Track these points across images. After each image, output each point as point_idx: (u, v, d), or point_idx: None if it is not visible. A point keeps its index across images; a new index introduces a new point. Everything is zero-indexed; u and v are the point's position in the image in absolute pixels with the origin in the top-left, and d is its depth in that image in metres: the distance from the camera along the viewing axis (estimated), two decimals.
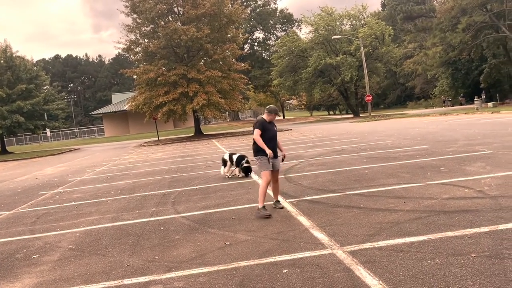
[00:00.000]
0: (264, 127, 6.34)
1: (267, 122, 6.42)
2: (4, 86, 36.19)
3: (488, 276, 3.47)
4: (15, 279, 4.64)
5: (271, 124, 6.47)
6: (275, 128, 6.53)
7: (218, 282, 3.95)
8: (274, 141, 6.41)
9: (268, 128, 6.36)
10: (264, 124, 6.37)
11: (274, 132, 6.46)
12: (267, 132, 6.32)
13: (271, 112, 6.45)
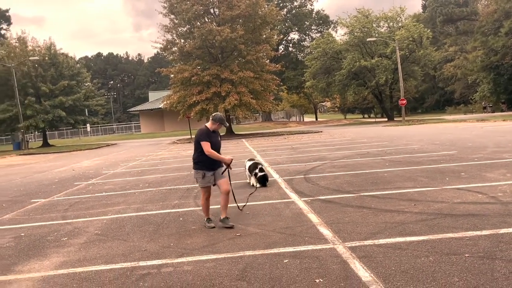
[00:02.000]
0: (209, 137, 5.82)
1: (210, 131, 5.89)
2: (48, 82, 38.09)
3: (475, 274, 3.63)
4: (44, 258, 5.14)
5: (215, 134, 5.97)
6: (219, 138, 6.05)
7: (223, 268, 4.28)
8: (218, 151, 5.94)
9: (212, 138, 5.85)
10: (209, 134, 5.84)
11: (218, 142, 5.97)
12: (211, 142, 5.80)
13: (216, 121, 5.88)
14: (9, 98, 37.32)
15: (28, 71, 37.28)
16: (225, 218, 5.89)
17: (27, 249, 5.59)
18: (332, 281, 3.73)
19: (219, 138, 6.06)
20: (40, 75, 38.04)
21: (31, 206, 8.91)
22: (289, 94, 75.32)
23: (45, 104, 37.87)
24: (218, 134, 6.09)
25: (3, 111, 37.21)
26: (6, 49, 38.15)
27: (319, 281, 3.75)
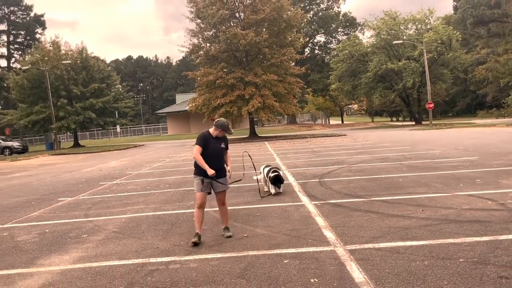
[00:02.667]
0: (206, 142, 5.61)
1: (212, 137, 5.69)
2: (79, 85, 39.44)
3: (465, 278, 3.74)
4: (64, 253, 5.52)
5: (218, 140, 5.70)
6: (221, 144, 5.73)
7: (226, 266, 4.53)
8: (217, 159, 5.68)
9: (211, 144, 5.63)
10: (206, 139, 5.64)
11: (219, 149, 5.69)
12: (209, 148, 5.59)
13: (218, 127, 5.67)
14: (43, 100, 38.84)
15: (61, 74, 38.70)
16: (225, 228, 5.80)
17: (49, 244, 6.00)
18: (326, 281, 3.91)
19: (221, 145, 5.72)
20: (72, 78, 39.42)
21: (58, 204, 9.42)
22: (314, 97, 75.14)
23: (76, 106, 39.21)
24: (223, 140, 5.79)
25: (37, 113, 38.77)
26: (40, 53, 39.76)
27: (314, 281, 3.94)
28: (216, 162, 5.64)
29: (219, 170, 5.67)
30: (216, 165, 5.61)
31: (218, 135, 5.71)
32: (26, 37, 72.86)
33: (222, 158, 5.80)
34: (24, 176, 16.72)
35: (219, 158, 5.73)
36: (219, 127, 5.67)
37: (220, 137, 5.75)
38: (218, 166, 5.63)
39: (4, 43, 72.66)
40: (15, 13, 72.14)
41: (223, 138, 5.83)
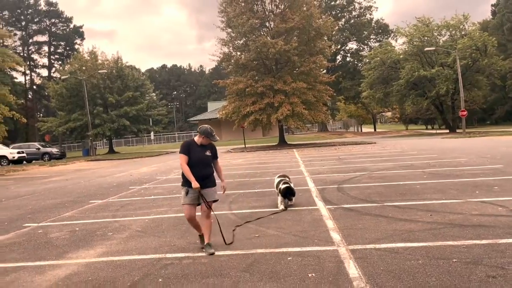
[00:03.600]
0: (190, 150, 5.40)
1: (197, 145, 5.47)
2: (114, 93, 41.01)
3: (453, 276, 3.94)
4: (91, 248, 6.04)
5: (203, 148, 5.47)
6: (207, 152, 5.48)
7: (233, 261, 4.89)
8: (202, 167, 5.42)
9: (195, 152, 5.40)
10: (191, 147, 5.42)
11: (204, 157, 5.44)
12: (193, 156, 5.37)
13: (201, 134, 5.44)
14: (80, 108, 40.62)
15: (97, 83, 40.40)
16: (207, 244, 5.40)
17: (78, 240, 6.54)
18: (322, 276, 4.20)
19: (207, 153, 5.48)
20: (108, 86, 41.07)
21: (89, 206, 10.06)
22: (346, 105, 74.69)
23: (111, 114, 40.78)
24: (210, 148, 5.56)
25: (74, 120, 40.58)
26: (78, 63, 41.66)
27: (311, 275, 4.24)
28: (201, 170, 5.37)
29: (205, 179, 5.42)
30: (201, 174, 5.36)
31: (202, 142, 5.46)
32: (66, 47, 76.35)
33: (209, 167, 5.53)
34: (61, 180, 17.68)
35: (205, 167, 5.45)
36: (203, 134, 5.42)
37: (205, 145, 5.49)
38: (203, 175, 5.39)
39: (45, 53, 76.48)
40: (56, 25, 75.84)
41: (210, 146, 5.57)
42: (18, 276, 4.96)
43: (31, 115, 69.22)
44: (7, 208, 10.54)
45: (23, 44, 73.77)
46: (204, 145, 5.49)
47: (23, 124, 42.77)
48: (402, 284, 3.86)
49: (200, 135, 5.45)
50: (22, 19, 72.79)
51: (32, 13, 73.10)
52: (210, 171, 5.57)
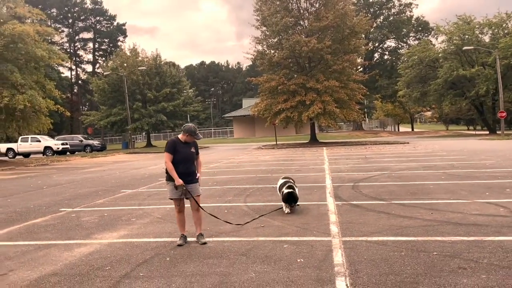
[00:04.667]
0: (175, 148, 5.70)
1: (181, 142, 5.76)
2: (153, 89, 42.47)
3: (428, 266, 4.30)
4: (114, 231, 6.74)
5: (187, 145, 5.77)
6: (191, 149, 5.79)
7: (235, 246, 5.43)
8: (187, 164, 5.73)
9: (181, 149, 5.70)
10: (176, 145, 5.71)
11: (188, 154, 5.75)
12: (178, 154, 5.68)
13: (185, 132, 5.72)
14: (120, 103, 42.36)
15: (137, 79, 41.95)
16: (199, 235, 5.80)
17: (104, 224, 7.28)
18: (309, 261, 4.67)
19: (191, 149, 5.80)
20: (147, 83, 42.57)
21: (119, 195, 10.89)
22: (383, 103, 73.52)
23: (150, 109, 42.29)
24: (193, 145, 5.88)
25: (115, 115, 42.37)
26: (120, 59, 43.40)
27: (300, 260, 4.71)
28: (186, 167, 5.71)
29: (190, 175, 5.76)
30: (187, 170, 5.70)
31: (186, 140, 5.76)
32: (109, 44, 79.35)
33: (193, 163, 5.85)
34: (98, 171, 18.83)
35: (190, 163, 5.78)
36: (186, 132, 5.70)
37: (189, 142, 5.80)
38: (188, 171, 5.73)
39: (90, 50, 79.85)
40: (100, 23, 78.91)
41: (193, 143, 5.88)
42: (49, 252, 5.70)
43: (76, 109, 72.60)
44: (48, 195, 11.56)
45: (69, 40, 77.36)
46: (188, 142, 5.78)
47: (68, 117, 45.14)
48: (378, 271, 4.26)
49: (184, 133, 5.74)
50: (69, 16, 76.24)
51: (78, 11, 76.43)
52: (193, 168, 5.87)
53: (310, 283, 4.05)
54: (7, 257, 5.52)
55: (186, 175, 5.67)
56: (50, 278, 4.58)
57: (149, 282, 4.30)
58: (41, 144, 36.95)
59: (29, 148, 37.19)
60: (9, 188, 13.69)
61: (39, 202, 10.16)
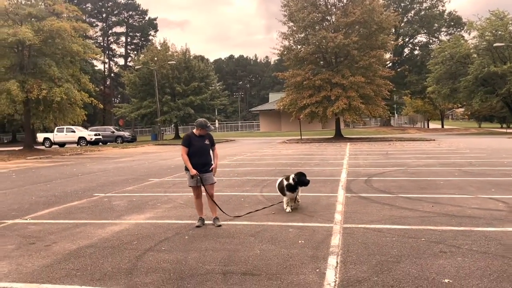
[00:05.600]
0: (190, 142, 6.31)
1: (196, 136, 6.37)
2: (182, 83, 43.60)
3: (413, 249, 4.85)
4: (141, 213, 7.54)
5: (201, 138, 6.38)
6: (205, 142, 6.39)
7: (246, 229, 6.10)
8: (201, 155, 6.33)
9: (195, 142, 6.31)
10: (190, 139, 6.32)
11: (202, 146, 6.34)
12: (193, 146, 6.29)
13: (198, 126, 6.37)
14: (150, 96, 43.72)
15: (166, 73, 43.20)
16: (215, 218, 6.44)
17: (133, 208, 8.10)
18: (309, 243, 5.29)
19: (205, 141, 6.38)
20: (176, 76, 43.76)
21: (147, 183, 11.76)
22: (412, 99, 72.50)
23: (178, 102, 43.50)
24: (207, 137, 6.44)
25: (145, 107, 43.81)
26: (151, 54, 44.73)
27: (301, 242, 5.34)
28: (201, 158, 6.33)
29: (205, 165, 6.37)
30: (202, 161, 6.32)
31: (200, 133, 6.37)
32: (141, 38, 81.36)
33: (208, 154, 6.44)
34: (128, 161, 19.90)
35: (204, 154, 6.38)
36: (199, 126, 6.37)
37: (203, 135, 6.41)
38: (203, 162, 6.34)
39: (122, 43, 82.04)
40: (133, 17, 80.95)
41: (208, 135, 6.47)
42: (85, 229, 6.54)
43: (108, 101, 74.93)
44: (83, 181, 12.57)
45: (103, 34, 79.70)
46: (202, 135, 6.40)
47: (101, 109, 46.90)
48: (367, 252, 4.85)
49: (197, 127, 6.40)
50: (103, 11, 78.53)
51: (111, 6, 78.61)
52: (209, 159, 6.46)
53: (306, 259, 4.67)
54: (50, 232, 6.38)
55: (200, 166, 6.28)
56: (86, 249, 5.38)
57: (169, 255, 5.03)
58: (75, 134, 38.73)
59: (64, 138, 39.04)
60: (47, 175, 14.84)
61: (75, 188, 11.15)
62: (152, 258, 4.93)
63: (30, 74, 26.34)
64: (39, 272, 4.57)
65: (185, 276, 4.28)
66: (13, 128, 60.34)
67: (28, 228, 6.73)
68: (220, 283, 4.08)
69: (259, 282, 4.06)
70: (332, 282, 3.98)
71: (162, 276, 4.30)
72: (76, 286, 4.12)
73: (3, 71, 26.50)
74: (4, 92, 25.26)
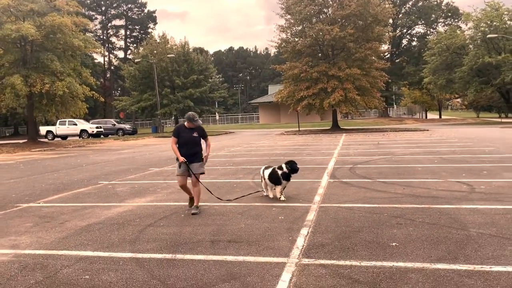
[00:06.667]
0: (179, 133, 6.80)
1: (185, 128, 6.83)
2: (181, 76, 44.32)
3: (374, 222, 5.68)
4: (142, 197, 8.39)
5: (191, 130, 6.82)
6: (194, 134, 6.81)
7: (235, 209, 6.93)
8: (189, 146, 6.77)
9: (184, 134, 6.78)
10: (180, 131, 6.83)
11: (191, 138, 6.77)
12: (181, 138, 6.78)
13: (186, 119, 6.86)
14: (150, 89, 44.50)
15: (166, 67, 43.92)
16: (194, 206, 6.84)
17: (135, 193, 8.94)
18: (287, 218, 6.12)
19: (194, 134, 6.81)
20: (175, 70, 44.50)
21: (148, 172, 12.60)
22: (410, 90, 73.17)
23: (178, 95, 44.28)
24: (197, 129, 6.88)
25: (145, 100, 44.60)
26: (150, 47, 45.40)
27: (281, 218, 6.18)
28: (189, 149, 6.78)
29: (193, 156, 6.82)
30: (190, 151, 6.78)
31: (189, 126, 6.83)
32: (140, 31, 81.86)
33: (196, 146, 6.89)
34: (130, 152, 20.75)
35: (192, 146, 6.83)
36: (187, 119, 6.85)
37: (193, 128, 6.85)
38: (191, 152, 6.79)
39: (122, 36, 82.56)
40: (132, 10, 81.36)
41: (198, 128, 6.90)
42: (93, 210, 7.38)
43: (109, 94, 75.67)
44: (87, 171, 13.41)
45: (102, 27, 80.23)
46: (192, 128, 6.85)
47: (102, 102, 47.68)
48: (335, 224, 5.68)
49: (187, 120, 6.87)
50: (102, 4, 78.95)
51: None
52: (197, 149, 6.92)
53: (283, 230, 5.51)
54: (62, 213, 7.23)
55: (188, 156, 6.77)
56: (95, 226, 6.22)
57: (167, 229, 5.87)
58: (77, 127, 39.60)
59: (66, 131, 39.91)
60: (53, 165, 15.69)
61: (81, 177, 11.99)
62: (152, 231, 5.77)
63: (33, 69, 27.11)
64: (56, 242, 5.41)
65: (180, 244, 5.12)
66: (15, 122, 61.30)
67: (42, 210, 7.57)
68: (208, 248, 4.92)
69: (241, 247, 4.90)
70: (300, 246, 4.82)
71: (160, 244, 5.14)
72: (89, 251, 4.96)
73: (7, 66, 27.30)
74: (9, 87, 26.07)
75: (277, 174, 7.42)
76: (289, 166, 7.39)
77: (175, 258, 4.60)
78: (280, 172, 7.39)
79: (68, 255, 4.85)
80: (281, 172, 7.38)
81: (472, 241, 4.77)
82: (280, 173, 7.39)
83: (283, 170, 7.38)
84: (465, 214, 5.97)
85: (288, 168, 7.37)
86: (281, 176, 7.39)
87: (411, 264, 4.11)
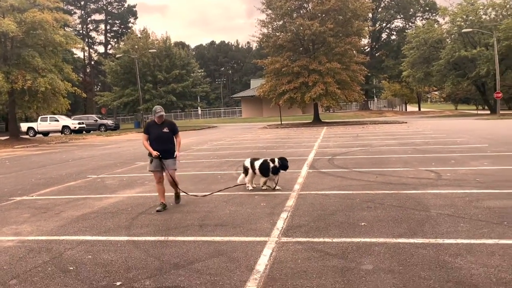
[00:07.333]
0: (149, 129, 6.73)
1: (155, 123, 6.70)
2: (163, 71, 44.39)
3: (346, 206, 6.28)
4: (132, 189, 8.84)
5: (161, 126, 6.68)
6: (164, 129, 6.66)
7: (221, 198, 7.46)
8: (160, 142, 6.63)
9: (153, 130, 6.69)
10: (149, 127, 6.75)
11: (160, 134, 6.63)
12: (151, 134, 6.70)
13: (154, 114, 6.74)
14: (132, 84, 44.44)
15: (147, 62, 43.90)
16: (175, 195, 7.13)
17: (124, 185, 9.38)
18: (269, 204, 6.68)
19: (164, 129, 6.67)
20: (157, 65, 44.51)
21: (134, 166, 13.00)
22: (390, 83, 74.55)
23: (160, 90, 44.35)
24: (167, 125, 6.76)
25: (127, 95, 44.53)
26: (131, 42, 45.28)
27: (263, 204, 6.73)
28: (160, 145, 6.63)
29: (165, 151, 6.66)
30: (161, 147, 6.62)
31: (158, 121, 6.71)
32: (121, 25, 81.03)
33: (167, 141, 6.72)
34: (115, 148, 21.02)
35: (163, 141, 6.68)
36: (153, 114, 6.75)
37: (164, 123, 6.75)
38: (162, 148, 6.63)
39: (102, 31, 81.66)
40: (111, 4, 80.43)
41: (168, 123, 6.81)
42: (86, 201, 7.81)
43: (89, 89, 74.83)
44: (75, 166, 13.74)
45: (82, 22, 79.11)
46: (162, 123, 6.74)
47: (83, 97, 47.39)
48: (312, 209, 6.26)
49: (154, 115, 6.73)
50: None
51: None
52: (170, 146, 6.75)
53: (264, 215, 6.06)
54: (56, 204, 7.64)
55: (160, 152, 6.62)
56: (90, 215, 6.67)
57: (158, 216, 6.36)
58: (59, 123, 39.41)
59: (48, 127, 39.69)
60: (39, 161, 15.93)
61: (69, 171, 12.33)
62: (144, 218, 6.26)
63: (14, 65, 26.99)
64: (56, 229, 5.86)
65: (171, 228, 5.63)
66: None
67: (36, 202, 7.96)
68: (197, 231, 5.44)
69: (226, 229, 5.44)
70: (280, 227, 5.38)
71: (153, 229, 5.64)
72: (88, 236, 5.43)
73: None
74: None
75: (268, 166, 7.70)
76: (281, 162, 7.74)
77: (167, 240, 5.11)
78: (272, 165, 7.69)
79: (69, 240, 5.31)
80: (273, 166, 7.68)
81: (431, 220, 5.41)
82: (271, 166, 7.69)
83: (275, 164, 7.69)
84: (429, 198, 6.62)
85: (280, 163, 7.71)
86: (271, 169, 7.70)
87: (376, 240, 4.71)
